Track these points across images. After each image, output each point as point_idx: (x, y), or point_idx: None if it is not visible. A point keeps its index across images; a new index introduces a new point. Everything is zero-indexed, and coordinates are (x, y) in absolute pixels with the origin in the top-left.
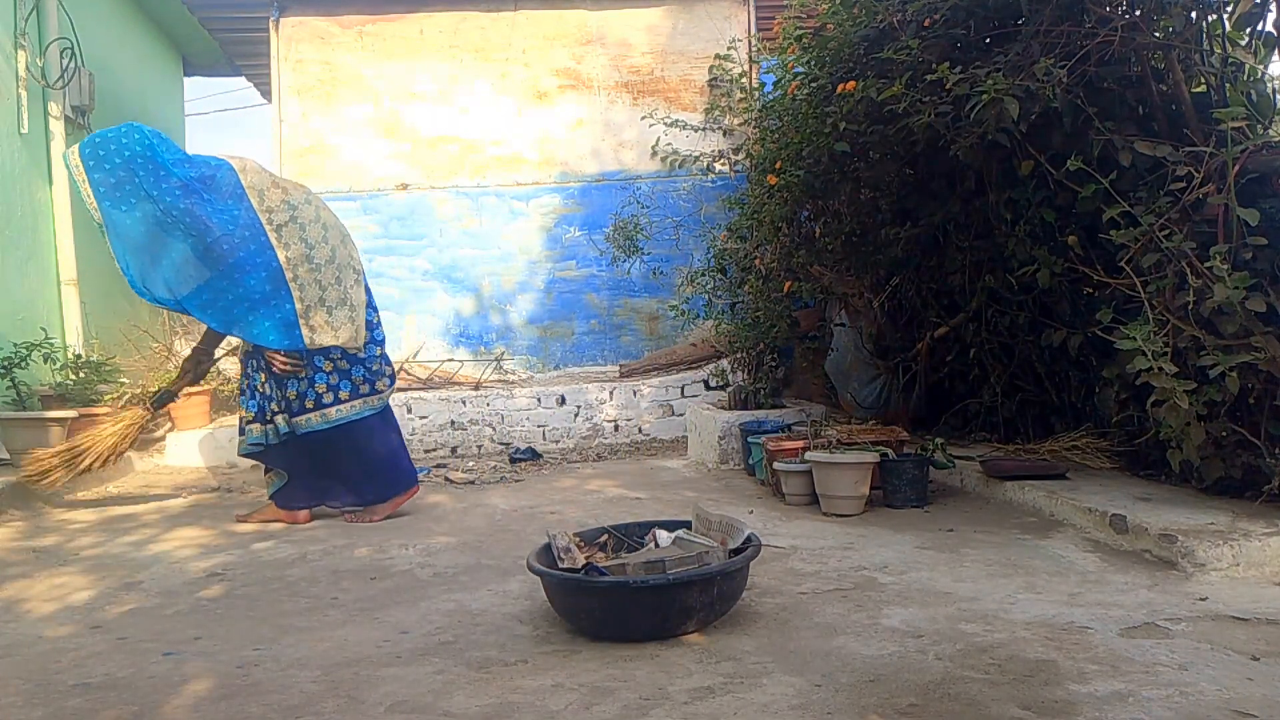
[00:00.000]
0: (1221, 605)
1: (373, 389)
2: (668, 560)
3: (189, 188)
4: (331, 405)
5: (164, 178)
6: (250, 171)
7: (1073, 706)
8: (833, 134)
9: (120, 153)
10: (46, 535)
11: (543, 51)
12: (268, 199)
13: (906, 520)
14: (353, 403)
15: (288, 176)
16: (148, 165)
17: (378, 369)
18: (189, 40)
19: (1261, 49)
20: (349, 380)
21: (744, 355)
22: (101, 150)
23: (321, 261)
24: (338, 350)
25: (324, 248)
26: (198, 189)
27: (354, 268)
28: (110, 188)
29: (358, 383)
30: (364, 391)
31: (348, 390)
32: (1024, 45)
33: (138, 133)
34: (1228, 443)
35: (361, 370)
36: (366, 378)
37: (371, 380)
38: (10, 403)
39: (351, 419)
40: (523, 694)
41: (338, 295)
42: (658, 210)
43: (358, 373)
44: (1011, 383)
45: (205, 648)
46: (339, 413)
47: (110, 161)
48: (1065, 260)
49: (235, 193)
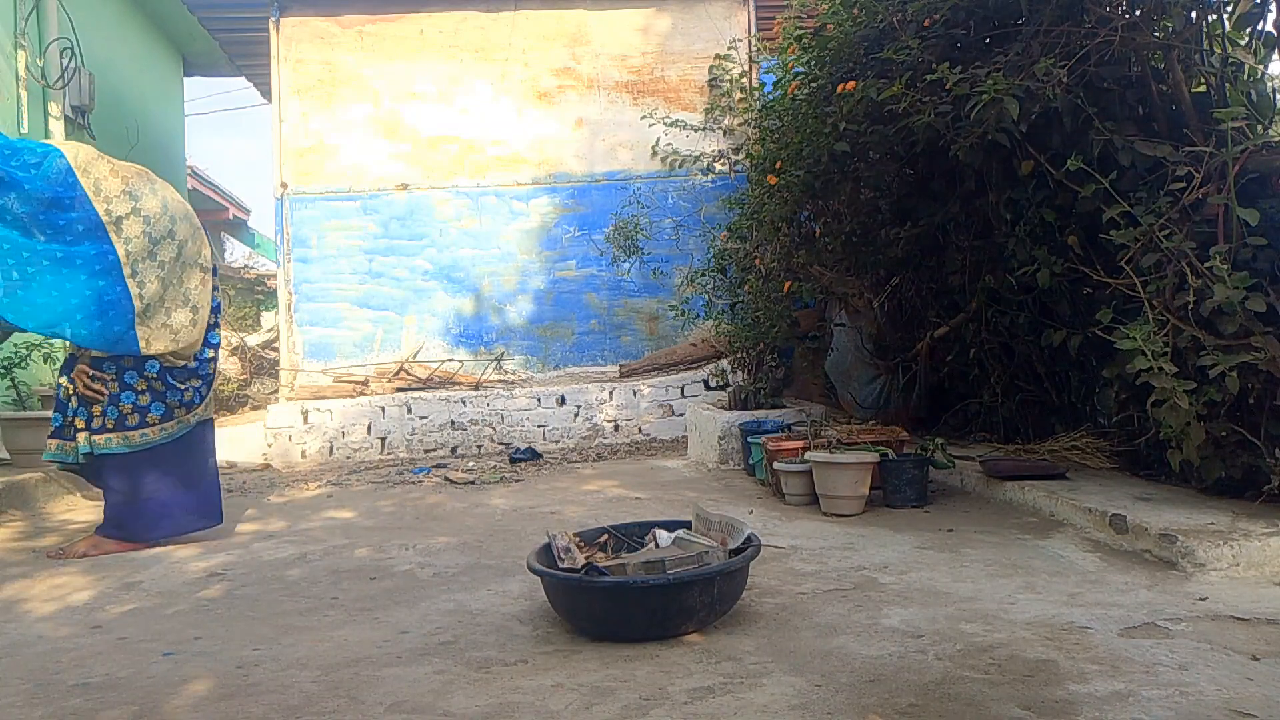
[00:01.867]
0: (1221, 605)
1: (188, 409)
2: (668, 560)
3: (5, 180)
4: (136, 429)
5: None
6: (85, 159)
7: (1073, 706)
8: (833, 134)
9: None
10: (46, 535)
11: (542, 51)
12: (105, 188)
13: (906, 520)
14: (164, 424)
15: (288, 176)
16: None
17: (198, 385)
18: (189, 40)
19: (1261, 49)
20: (162, 402)
21: (744, 355)
22: None
23: (167, 259)
24: (154, 368)
25: (169, 244)
26: (16, 180)
27: (202, 265)
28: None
29: (172, 405)
30: (178, 415)
31: (159, 413)
32: (1024, 45)
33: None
34: (1228, 443)
35: (178, 394)
36: (182, 401)
37: (188, 403)
38: (10, 403)
39: (156, 443)
40: (523, 694)
41: (179, 297)
42: (657, 210)
43: (174, 396)
44: (1011, 383)
45: (205, 648)
46: (144, 436)
47: None
48: (1065, 260)
49: (66, 181)
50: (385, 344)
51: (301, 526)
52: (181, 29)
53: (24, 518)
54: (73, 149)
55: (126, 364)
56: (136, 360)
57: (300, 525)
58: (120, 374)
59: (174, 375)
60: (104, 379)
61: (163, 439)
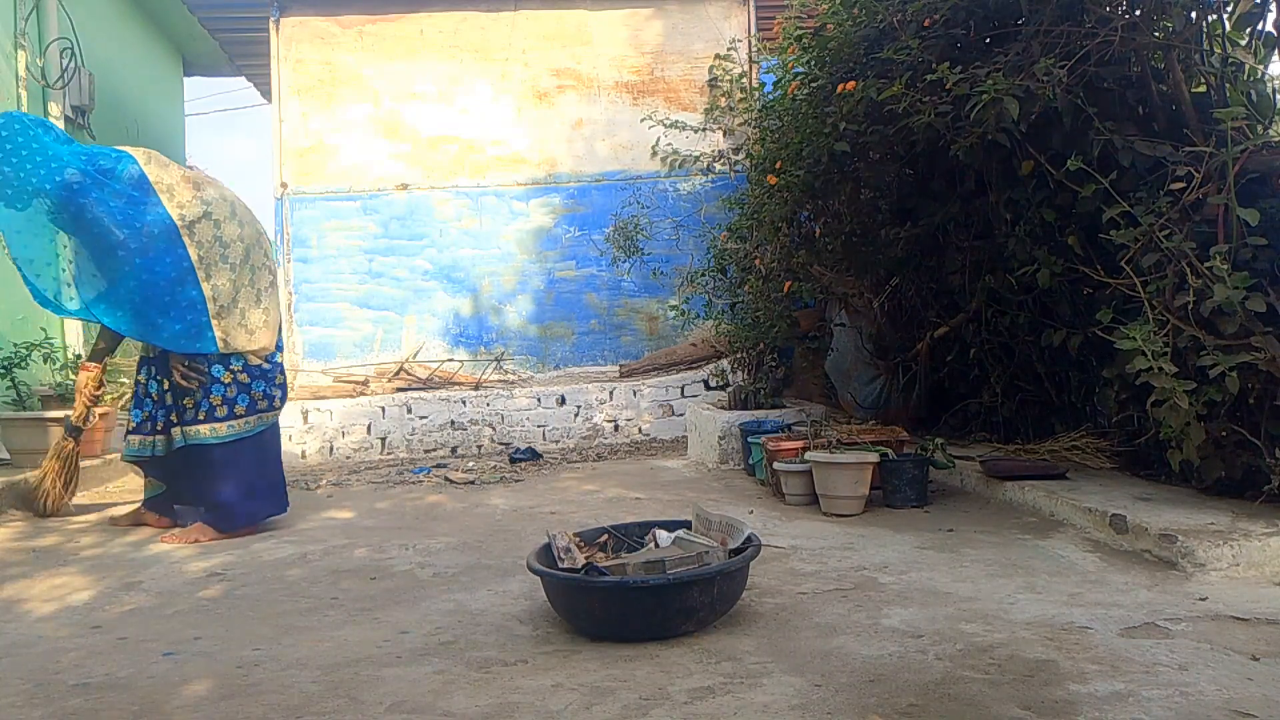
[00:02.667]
0: (1221, 605)
1: (270, 404)
2: (668, 560)
3: (86, 182)
4: (224, 420)
5: (56, 170)
6: (156, 165)
7: (1073, 706)
8: (833, 134)
9: (2, 144)
10: (46, 535)
11: (542, 51)
12: (178, 194)
13: (906, 520)
14: (247, 418)
15: (288, 176)
16: (35, 156)
17: (279, 381)
18: (189, 40)
19: (1261, 49)
20: (248, 394)
21: (744, 355)
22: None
23: (236, 261)
24: (240, 361)
25: (239, 246)
26: (97, 182)
27: (269, 269)
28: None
29: (256, 398)
30: (261, 407)
31: (245, 405)
32: (1024, 45)
33: (19, 122)
34: (1228, 443)
35: (262, 385)
36: (266, 393)
37: (270, 395)
38: (10, 403)
39: (243, 435)
40: (523, 694)
41: (252, 297)
42: (658, 210)
43: (258, 387)
44: (1011, 383)
45: (205, 648)
46: (230, 429)
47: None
48: (1065, 260)
49: (141, 186)
50: (385, 344)
51: (301, 526)
52: (181, 29)
53: (24, 518)
54: (144, 155)
55: (213, 359)
56: (221, 356)
57: (300, 525)
58: (209, 368)
59: (253, 372)
60: (200, 370)
61: (246, 432)
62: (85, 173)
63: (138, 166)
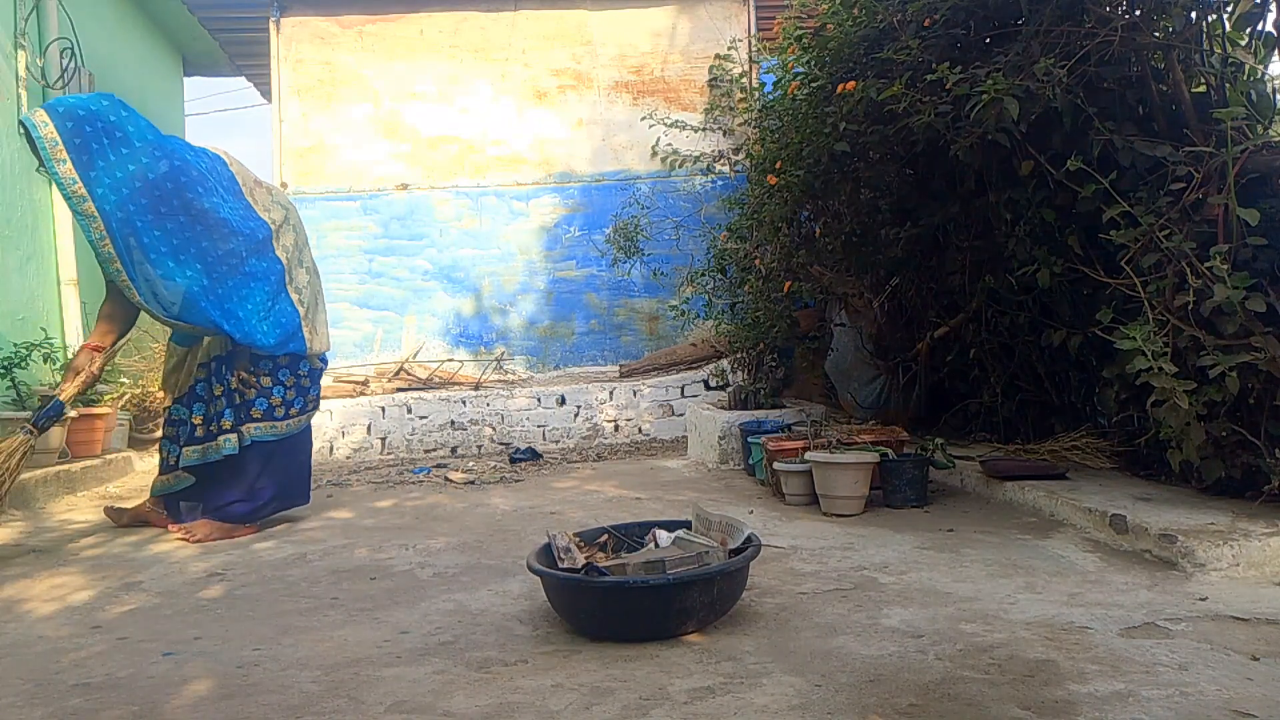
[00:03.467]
0: (1221, 605)
1: (317, 404)
2: (668, 560)
3: (198, 175)
4: (283, 419)
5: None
6: (238, 167)
7: (1073, 706)
8: (833, 134)
9: (113, 125)
10: (46, 535)
11: (543, 51)
12: (259, 198)
13: (906, 520)
14: (300, 417)
15: (288, 176)
16: (148, 138)
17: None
18: (189, 40)
19: (1261, 49)
20: (303, 397)
21: (744, 355)
22: (90, 121)
23: (308, 263)
24: (306, 366)
25: (308, 250)
26: (203, 174)
27: (317, 269)
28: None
29: (309, 400)
30: (310, 407)
31: (299, 406)
32: (1024, 45)
33: (125, 108)
34: (1228, 443)
35: (316, 388)
36: (316, 394)
37: (318, 396)
38: (10, 403)
39: (288, 435)
40: (523, 694)
41: (316, 297)
42: (658, 210)
43: (314, 390)
44: (1011, 383)
45: (205, 648)
46: (288, 426)
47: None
48: (1065, 260)
49: (233, 189)
50: (385, 344)
51: (301, 526)
52: (181, 29)
53: (24, 518)
54: (226, 156)
55: (282, 362)
56: (291, 359)
57: (300, 525)
58: (275, 371)
59: (312, 375)
60: (259, 374)
61: (296, 430)
62: (193, 164)
63: (228, 168)
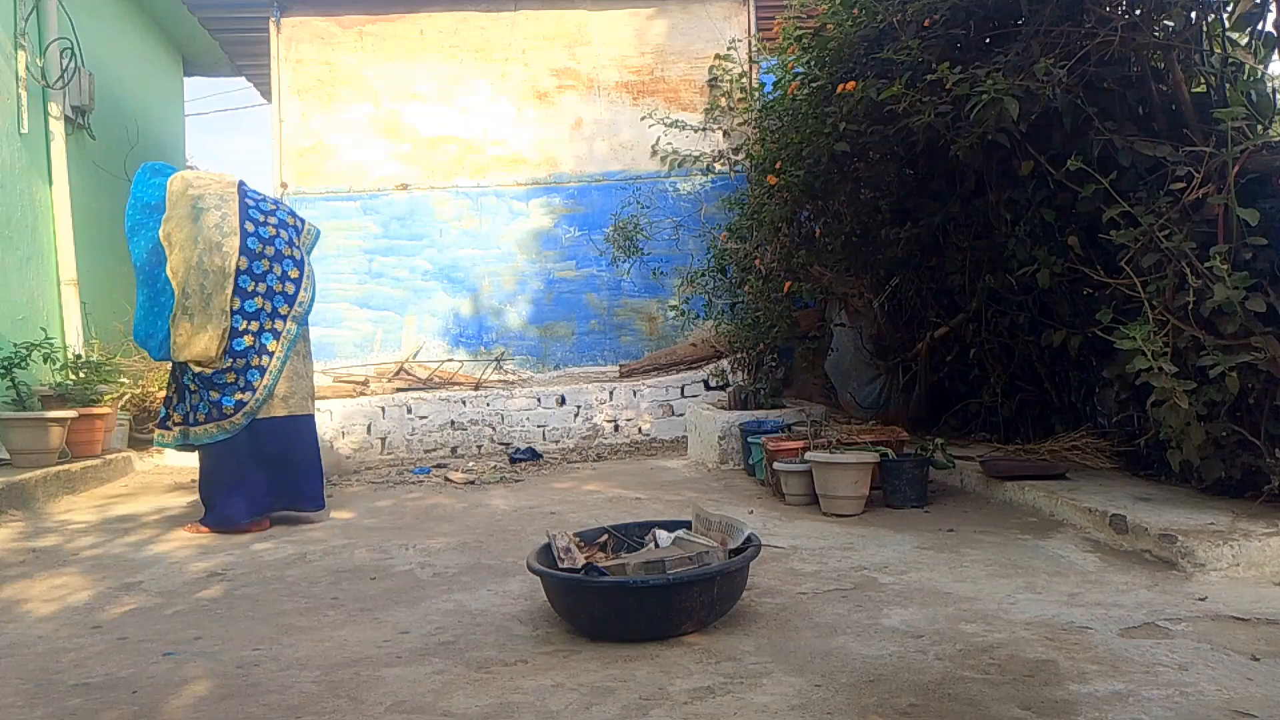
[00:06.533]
0: (1221, 605)
1: (237, 409)
2: (668, 560)
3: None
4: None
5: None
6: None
7: (1073, 706)
8: (833, 134)
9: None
10: (46, 535)
11: (542, 51)
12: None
13: (906, 520)
14: (207, 425)
15: (288, 176)
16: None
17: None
18: (189, 40)
19: (1261, 49)
20: (206, 404)
21: (744, 355)
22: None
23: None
24: (188, 372)
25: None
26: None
27: (225, 272)
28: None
29: (211, 407)
30: (223, 416)
31: (204, 413)
32: (1024, 45)
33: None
34: (1228, 443)
35: (229, 398)
36: (229, 404)
37: (237, 403)
38: (10, 403)
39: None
40: (523, 694)
41: (202, 305)
42: (658, 210)
43: (226, 400)
44: (1011, 383)
45: (205, 648)
46: (206, 432)
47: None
48: (1065, 260)
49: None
50: (385, 344)
51: (301, 526)
52: (181, 29)
53: (24, 518)
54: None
55: (179, 370)
56: (183, 366)
57: (300, 525)
58: (180, 376)
59: (202, 380)
60: (178, 379)
61: (221, 436)
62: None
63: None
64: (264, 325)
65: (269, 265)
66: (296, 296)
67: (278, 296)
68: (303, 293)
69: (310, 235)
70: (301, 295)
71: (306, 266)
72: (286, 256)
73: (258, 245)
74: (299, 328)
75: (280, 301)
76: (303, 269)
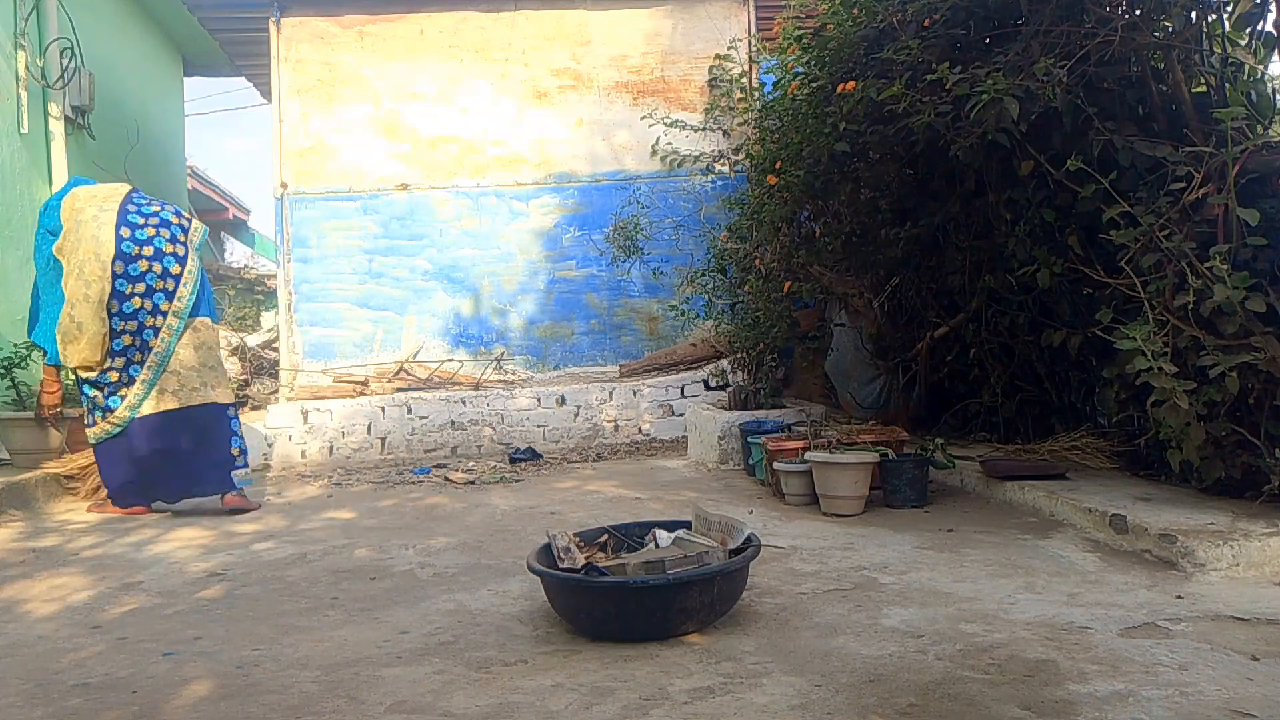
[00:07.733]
0: (1221, 605)
1: (108, 411)
2: (668, 560)
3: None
4: (90, 426)
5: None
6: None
7: (1073, 706)
8: (833, 134)
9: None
10: (46, 535)
11: (542, 51)
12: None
13: (906, 520)
14: (92, 429)
15: (288, 176)
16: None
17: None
18: (189, 40)
19: (1261, 49)
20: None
21: (744, 355)
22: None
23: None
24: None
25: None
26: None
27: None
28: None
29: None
30: (100, 417)
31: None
32: (1024, 45)
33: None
34: (1227, 443)
35: (115, 399)
36: (97, 406)
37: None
38: (10, 403)
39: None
40: (523, 694)
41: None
42: (658, 210)
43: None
44: (1011, 383)
45: (205, 648)
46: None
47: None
48: (1065, 260)
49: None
50: (385, 344)
51: (301, 526)
52: (181, 29)
53: (24, 518)
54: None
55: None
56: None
57: (300, 525)
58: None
59: (90, 383)
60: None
61: (113, 432)
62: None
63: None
64: (143, 323)
65: (147, 265)
66: (176, 292)
67: (158, 294)
68: (182, 288)
69: (198, 232)
70: (181, 290)
71: (190, 262)
72: (168, 254)
73: (133, 248)
74: (181, 321)
75: (161, 298)
76: (184, 265)
